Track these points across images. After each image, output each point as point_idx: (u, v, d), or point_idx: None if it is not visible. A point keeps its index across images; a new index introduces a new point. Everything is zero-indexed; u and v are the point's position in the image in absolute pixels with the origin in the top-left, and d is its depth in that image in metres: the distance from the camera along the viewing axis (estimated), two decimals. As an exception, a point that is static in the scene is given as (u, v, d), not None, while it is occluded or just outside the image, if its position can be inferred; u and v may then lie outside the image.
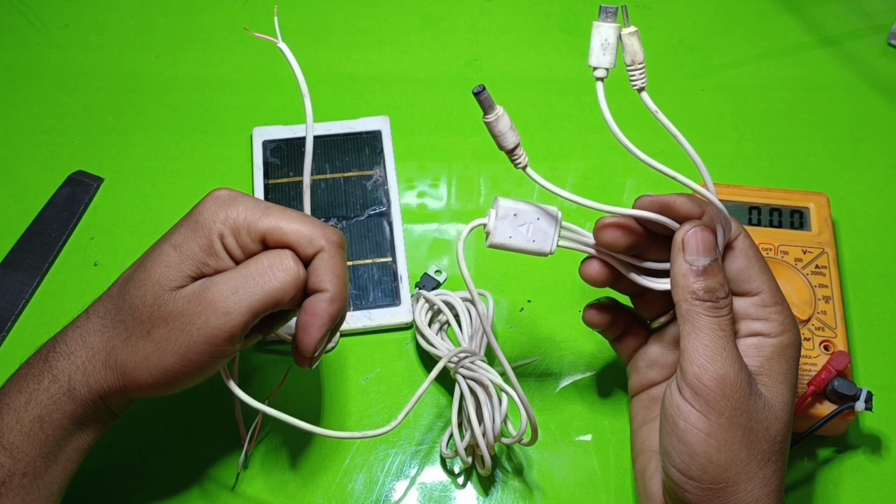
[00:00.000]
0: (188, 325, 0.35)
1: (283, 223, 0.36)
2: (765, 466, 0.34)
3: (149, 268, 0.36)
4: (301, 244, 0.36)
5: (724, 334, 0.35)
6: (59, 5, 0.64)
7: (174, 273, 0.36)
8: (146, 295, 0.35)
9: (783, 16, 0.65)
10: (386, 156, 0.54)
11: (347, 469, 0.44)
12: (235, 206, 0.36)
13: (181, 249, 0.36)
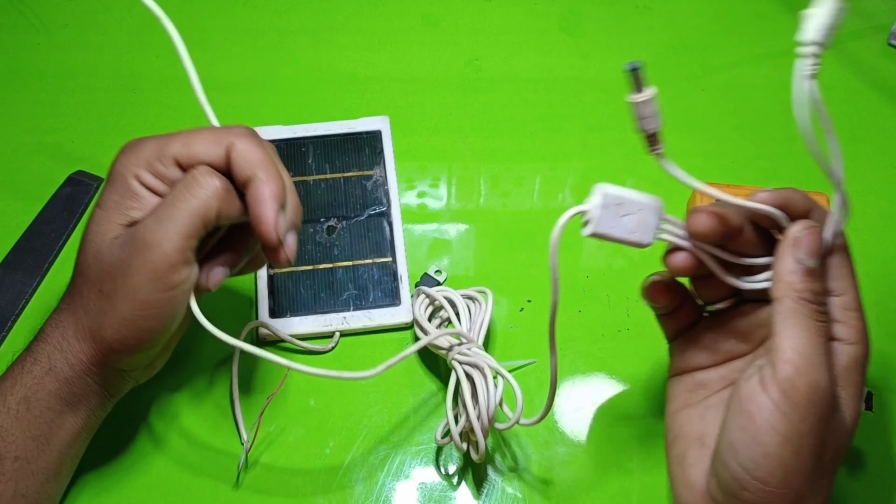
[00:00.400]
0: (127, 269, 0.35)
1: (187, 140, 0.37)
2: (823, 477, 0.34)
3: (86, 232, 0.37)
4: (210, 153, 0.37)
5: (823, 341, 0.34)
6: (59, 5, 0.64)
7: (105, 227, 0.36)
8: (87, 257, 0.36)
9: (783, 16, 0.65)
10: (386, 156, 0.54)
11: (347, 469, 0.44)
12: (141, 145, 0.37)
13: (105, 205, 0.37)
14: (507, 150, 0.57)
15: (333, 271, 0.49)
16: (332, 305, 0.48)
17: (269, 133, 0.55)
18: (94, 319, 0.36)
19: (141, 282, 0.35)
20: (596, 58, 0.62)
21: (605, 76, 0.61)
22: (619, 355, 0.48)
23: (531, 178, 0.55)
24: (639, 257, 0.51)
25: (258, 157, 0.37)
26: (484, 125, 0.58)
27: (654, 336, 0.49)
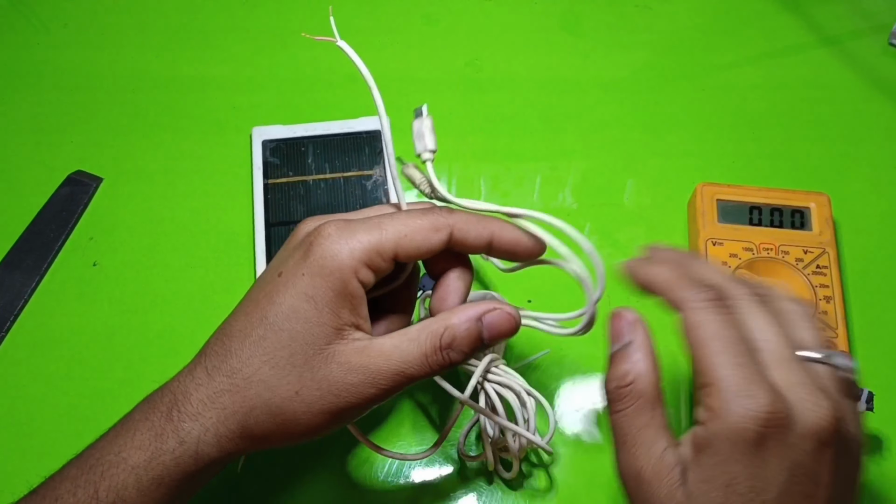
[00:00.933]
0: (344, 392, 0.34)
1: (404, 230, 0.35)
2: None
3: (290, 327, 0.34)
4: (431, 242, 0.35)
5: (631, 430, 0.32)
6: (59, 5, 0.64)
7: (317, 330, 0.33)
8: (295, 357, 0.33)
9: (783, 16, 0.65)
10: (386, 156, 0.54)
11: (348, 469, 0.44)
12: (354, 233, 0.34)
13: (316, 300, 0.33)
14: (507, 150, 0.57)
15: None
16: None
17: (268, 133, 0.55)
18: (277, 418, 0.34)
19: (348, 406, 0.34)
20: (596, 58, 0.62)
21: (605, 76, 0.61)
22: (620, 355, 0.48)
23: (531, 178, 0.55)
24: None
25: (477, 219, 0.37)
26: (484, 125, 0.58)
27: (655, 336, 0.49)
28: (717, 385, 0.30)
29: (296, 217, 0.51)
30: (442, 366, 0.35)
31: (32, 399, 0.46)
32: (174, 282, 0.50)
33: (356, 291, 0.34)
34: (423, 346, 0.34)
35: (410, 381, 0.34)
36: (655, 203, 0.54)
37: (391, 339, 0.34)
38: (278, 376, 0.34)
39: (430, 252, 0.35)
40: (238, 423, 0.34)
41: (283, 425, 0.34)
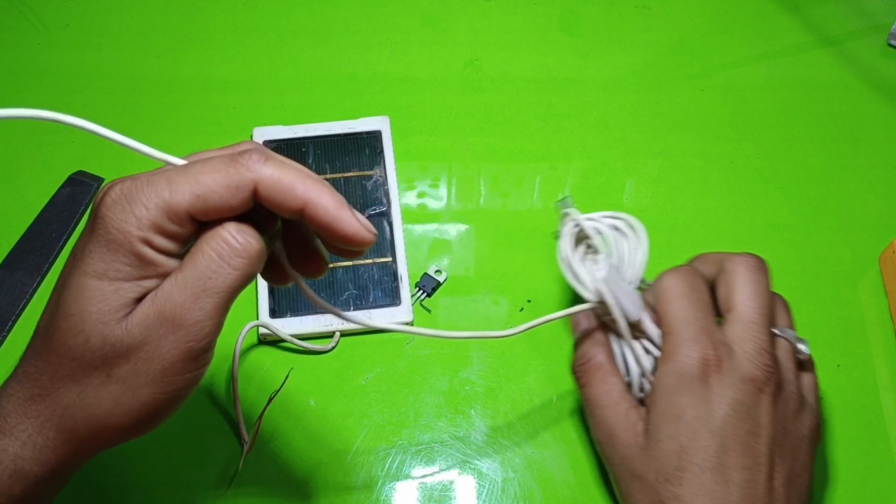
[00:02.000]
0: (156, 350, 0.30)
1: (197, 185, 0.29)
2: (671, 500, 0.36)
3: (79, 309, 0.30)
4: (230, 198, 0.30)
5: (597, 397, 0.40)
6: (60, 5, 0.64)
7: (112, 304, 0.30)
8: (90, 339, 0.30)
9: (783, 16, 0.65)
10: (386, 156, 0.54)
11: (348, 469, 0.44)
12: (138, 196, 0.29)
13: (109, 276, 0.30)
14: (507, 150, 0.57)
15: (333, 271, 0.49)
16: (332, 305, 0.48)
17: (269, 133, 0.55)
18: (100, 408, 0.30)
19: (173, 363, 0.30)
20: (596, 58, 0.62)
21: (604, 76, 0.61)
22: (619, 355, 0.48)
23: (531, 178, 0.56)
24: (639, 257, 0.52)
25: (292, 178, 0.30)
26: (484, 125, 0.58)
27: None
28: (673, 332, 0.37)
29: (296, 217, 0.52)
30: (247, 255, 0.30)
31: (34, 399, 0.46)
32: (175, 282, 0.50)
33: (153, 258, 0.30)
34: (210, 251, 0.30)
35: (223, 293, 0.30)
36: (655, 203, 0.54)
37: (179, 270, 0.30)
38: (80, 364, 0.30)
39: (232, 212, 0.30)
40: (56, 429, 0.30)
41: (109, 416, 0.30)
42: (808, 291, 0.51)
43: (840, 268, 0.52)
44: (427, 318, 0.49)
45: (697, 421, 0.36)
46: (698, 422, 0.36)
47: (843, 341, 0.49)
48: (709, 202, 0.55)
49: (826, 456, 0.45)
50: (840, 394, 0.47)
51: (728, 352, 0.37)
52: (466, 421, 0.46)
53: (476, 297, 0.50)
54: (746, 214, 0.54)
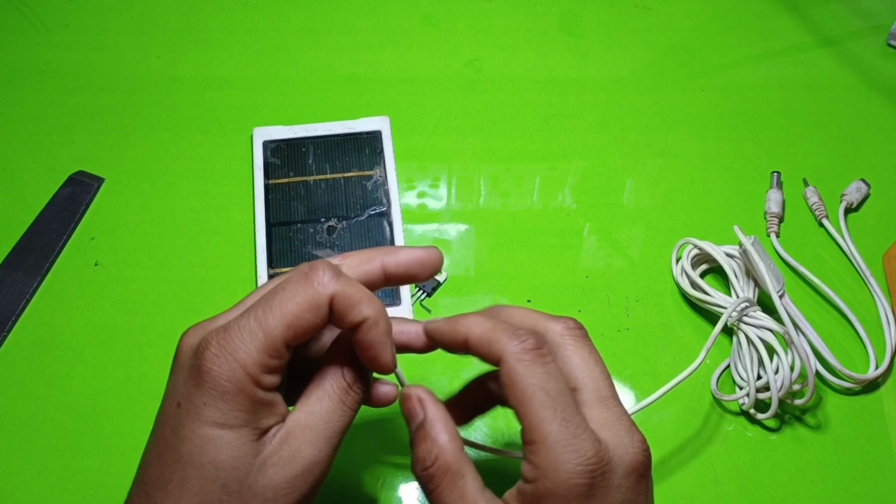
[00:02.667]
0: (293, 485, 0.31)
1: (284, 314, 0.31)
2: None
3: (210, 459, 0.31)
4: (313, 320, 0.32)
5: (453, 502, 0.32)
6: (60, 5, 0.64)
7: (240, 451, 0.31)
8: (228, 485, 0.31)
9: (783, 16, 0.65)
10: (386, 156, 0.54)
11: (347, 469, 0.44)
12: (237, 339, 0.31)
13: (229, 424, 0.31)
14: (507, 150, 0.57)
15: (333, 271, 0.50)
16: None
17: (269, 133, 0.55)
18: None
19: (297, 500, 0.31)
20: (596, 58, 0.62)
21: (604, 76, 0.61)
22: (619, 355, 0.48)
23: (531, 178, 0.56)
24: (638, 257, 0.52)
25: (358, 297, 0.32)
26: (484, 125, 0.58)
27: (654, 336, 0.49)
28: (544, 442, 0.31)
29: (296, 217, 0.52)
30: (359, 401, 0.34)
31: (34, 398, 0.46)
32: (175, 282, 0.50)
33: (266, 398, 0.31)
34: (335, 395, 0.33)
35: (343, 432, 0.33)
36: (655, 203, 0.54)
37: (301, 409, 0.32)
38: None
39: (316, 332, 0.32)
40: None
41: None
42: (812, 293, 0.51)
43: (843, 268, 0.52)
44: (427, 318, 0.49)
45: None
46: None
47: (844, 341, 0.49)
48: (709, 202, 0.55)
49: (826, 456, 0.45)
50: (840, 394, 0.47)
51: (606, 448, 0.31)
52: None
53: (476, 297, 0.50)
54: (746, 214, 0.54)
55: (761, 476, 0.44)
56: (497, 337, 0.33)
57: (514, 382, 0.32)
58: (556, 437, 0.30)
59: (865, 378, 0.46)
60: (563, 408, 0.31)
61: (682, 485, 0.44)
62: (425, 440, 0.33)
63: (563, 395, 0.32)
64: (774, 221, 0.53)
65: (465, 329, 0.34)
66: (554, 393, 0.31)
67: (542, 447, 0.31)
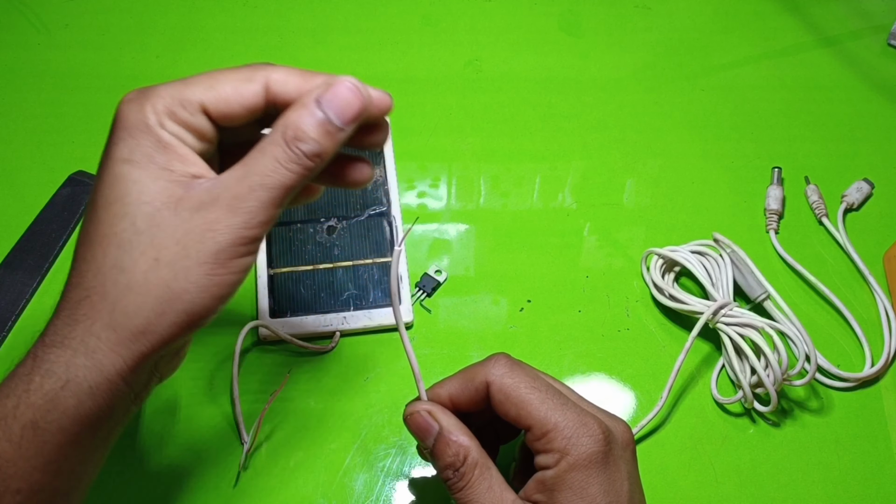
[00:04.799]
0: (208, 233, 0.30)
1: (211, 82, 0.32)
2: None
3: (120, 195, 0.30)
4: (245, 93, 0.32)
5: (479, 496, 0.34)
6: (60, 5, 0.64)
7: (151, 188, 0.30)
8: (136, 222, 0.30)
9: (783, 16, 0.65)
10: (386, 156, 0.54)
11: (347, 469, 0.44)
12: (153, 92, 0.31)
13: (136, 160, 0.30)
14: (507, 150, 0.57)
15: (333, 271, 0.49)
16: (332, 305, 0.48)
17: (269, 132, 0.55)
18: (146, 295, 0.29)
19: (224, 246, 0.30)
20: (596, 58, 0.62)
21: (605, 76, 0.61)
22: (619, 355, 0.48)
23: (531, 178, 0.56)
24: (638, 257, 0.51)
25: (302, 72, 0.32)
26: (484, 125, 0.58)
27: (654, 336, 0.49)
28: (557, 428, 0.34)
29: (296, 217, 0.52)
30: (302, 164, 0.31)
31: (33, 399, 0.46)
32: (175, 282, 0.50)
33: (171, 141, 0.31)
34: (271, 153, 0.31)
35: (277, 192, 0.31)
36: (655, 203, 0.54)
37: (239, 165, 0.31)
38: (126, 250, 0.30)
39: (245, 107, 0.32)
40: (106, 326, 0.29)
41: (162, 303, 0.30)
42: (810, 291, 0.51)
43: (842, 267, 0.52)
44: (427, 318, 0.49)
45: None
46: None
47: (845, 341, 0.49)
48: (709, 202, 0.54)
49: (826, 456, 0.45)
50: (841, 393, 0.47)
51: (604, 424, 0.35)
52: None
53: (476, 297, 0.50)
54: (746, 214, 0.54)
55: (761, 476, 0.44)
56: (473, 374, 0.36)
57: (508, 395, 0.35)
58: (566, 421, 0.34)
59: (859, 377, 0.46)
60: (560, 399, 0.35)
61: (682, 485, 0.44)
62: (449, 445, 0.35)
63: (552, 389, 0.35)
64: (774, 218, 0.53)
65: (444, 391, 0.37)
66: (544, 389, 0.35)
67: (557, 432, 0.34)
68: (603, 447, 0.34)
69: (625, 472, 0.34)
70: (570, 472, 0.33)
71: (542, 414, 0.34)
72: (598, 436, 0.34)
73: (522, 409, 0.35)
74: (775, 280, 0.50)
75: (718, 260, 0.48)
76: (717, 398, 0.46)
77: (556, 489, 0.33)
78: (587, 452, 0.33)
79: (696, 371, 0.47)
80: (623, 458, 0.35)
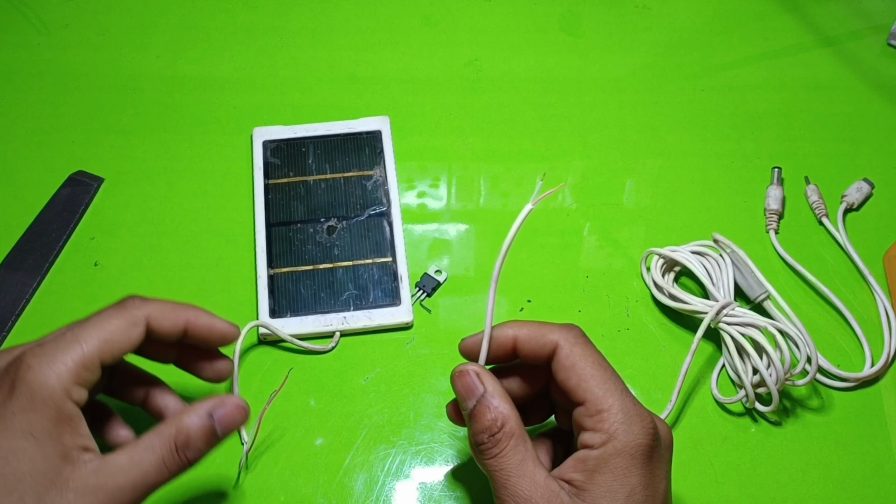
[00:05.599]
0: None
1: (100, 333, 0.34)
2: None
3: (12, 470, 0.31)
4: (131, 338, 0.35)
5: (511, 467, 0.34)
6: (60, 5, 0.64)
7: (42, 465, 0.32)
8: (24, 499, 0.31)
9: (783, 16, 0.65)
10: (386, 156, 0.54)
11: (347, 469, 0.44)
12: (56, 355, 0.33)
13: (34, 434, 0.32)
14: (507, 150, 0.57)
15: (333, 271, 0.50)
16: (332, 305, 0.48)
17: (269, 133, 0.55)
18: None
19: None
20: (596, 58, 0.62)
21: (605, 76, 0.61)
22: (619, 355, 0.48)
23: (531, 178, 0.56)
24: (638, 257, 0.51)
25: (172, 305, 0.37)
26: (484, 125, 0.58)
27: (654, 336, 0.49)
28: (611, 410, 0.34)
29: (296, 217, 0.52)
30: (181, 467, 0.34)
31: (33, 399, 0.46)
32: (174, 282, 0.50)
33: (72, 412, 0.33)
34: (159, 452, 0.34)
35: (153, 488, 0.34)
36: (655, 203, 0.54)
37: (125, 452, 0.33)
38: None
39: (132, 348, 0.35)
40: None
41: None
42: (810, 291, 0.51)
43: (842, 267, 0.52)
44: (427, 318, 0.49)
45: (647, 500, 0.34)
46: (648, 500, 0.34)
47: (845, 341, 0.49)
48: (709, 202, 0.55)
49: (826, 456, 0.45)
50: (841, 393, 0.47)
51: (655, 422, 0.35)
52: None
53: (476, 297, 0.50)
54: (746, 214, 0.54)
55: (761, 476, 0.44)
56: (547, 330, 0.36)
57: (574, 363, 0.35)
58: (622, 405, 0.34)
59: (859, 376, 0.46)
60: (620, 385, 0.35)
61: (682, 485, 0.43)
62: (489, 409, 0.35)
63: (615, 375, 0.36)
64: (773, 218, 0.53)
65: (512, 331, 0.37)
66: (610, 370, 0.36)
67: (610, 415, 0.34)
68: (652, 441, 0.34)
69: (664, 472, 0.35)
70: (616, 457, 0.33)
71: (602, 392, 0.34)
72: (650, 429, 0.34)
73: (584, 382, 0.35)
74: (775, 280, 0.50)
75: (719, 260, 0.48)
76: (718, 398, 0.46)
77: (597, 470, 0.34)
78: (636, 442, 0.34)
79: (695, 371, 0.48)
80: (665, 459, 0.35)
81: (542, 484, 0.34)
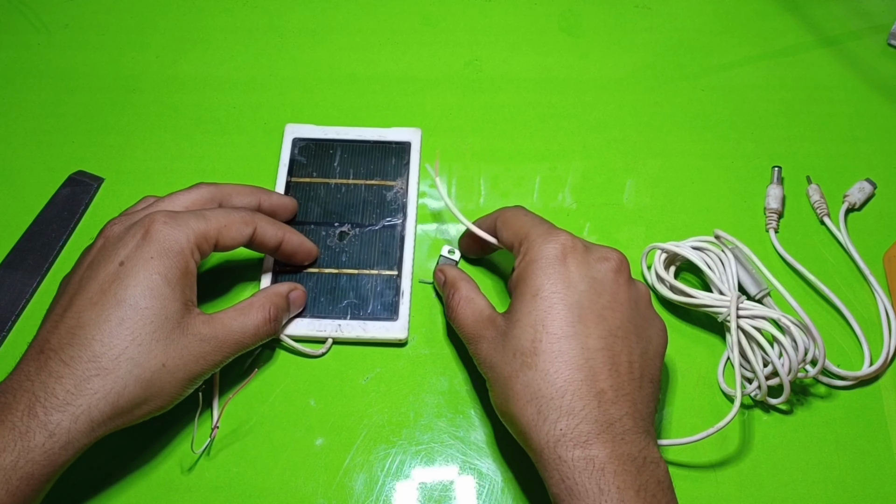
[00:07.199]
0: (200, 359, 0.39)
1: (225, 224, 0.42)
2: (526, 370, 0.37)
3: (150, 304, 0.38)
4: (243, 235, 0.43)
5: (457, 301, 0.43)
6: (60, 5, 0.64)
7: (173, 305, 0.38)
8: (157, 330, 0.38)
9: (783, 16, 0.65)
10: (411, 168, 0.53)
11: (347, 469, 0.44)
12: (187, 222, 0.40)
13: (168, 278, 0.39)
14: (507, 150, 0.57)
15: (337, 277, 0.49)
16: (329, 311, 0.48)
17: (300, 131, 0.55)
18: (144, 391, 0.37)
19: (199, 375, 0.40)
20: (596, 58, 0.62)
21: (604, 76, 0.61)
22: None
23: (531, 178, 0.56)
24: (638, 257, 0.51)
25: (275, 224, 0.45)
26: (484, 125, 0.58)
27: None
28: (530, 236, 0.41)
29: (311, 218, 0.51)
30: (269, 335, 0.43)
31: (33, 399, 0.46)
32: (175, 282, 0.50)
33: (193, 270, 0.40)
34: (256, 319, 0.42)
35: (245, 348, 0.42)
36: (655, 203, 0.54)
37: (232, 312, 0.41)
38: (145, 352, 0.37)
39: (240, 243, 0.43)
40: (110, 404, 0.36)
41: (152, 397, 0.38)
42: (809, 289, 0.51)
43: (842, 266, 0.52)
44: (427, 318, 0.49)
45: (554, 296, 0.38)
46: (555, 296, 0.38)
47: (844, 340, 0.49)
48: (709, 202, 0.55)
49: (826, 456, 0.45)
50: (841, 393, 0.47)
51: (584, 243, 0.41)
52: (466, 421, 0.45)
53: (476, 297, 0.50)
54: (746, 214, 0.54)
55: (761, 476, 0.44)
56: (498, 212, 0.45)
57: (507, 219, 0.43)
58: (537, 231, 0.41)
59: (858, 375, 0.46)
60: (544, 223, 0.42)
61: (682, 485, 0.44)
62: (442, 271, 0.47)
63: (543, 220, 0.42)
64: (773, 217, 0.53)
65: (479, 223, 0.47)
66: (537, 218, 0.43)
67: (527, 240, 0.41)
68: (559, 250, 0.39)
69: (586, 277, 0.39)
70: (529, 266, 0.39)
71: (523, 230, 0.41)
72: (558, 240, 0.40)
73: (509, 229, 0.42)
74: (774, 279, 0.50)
75: (721, 256, 0.48)
76: (726, 390, 0.46)
77: (516, 286, 0.40)
78: (544, 251, 0.39)
79: (696, 370, 0.48)
80: (591, 267, 0.39)
81: (485, 315, 0.41)
